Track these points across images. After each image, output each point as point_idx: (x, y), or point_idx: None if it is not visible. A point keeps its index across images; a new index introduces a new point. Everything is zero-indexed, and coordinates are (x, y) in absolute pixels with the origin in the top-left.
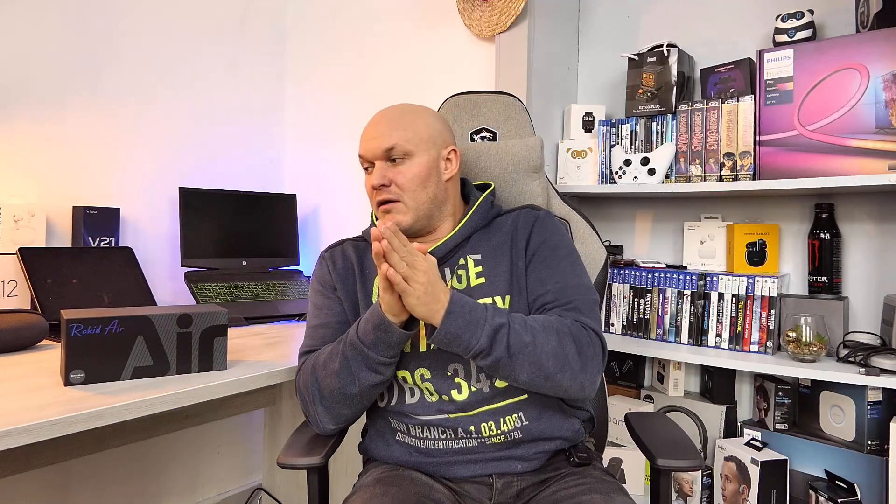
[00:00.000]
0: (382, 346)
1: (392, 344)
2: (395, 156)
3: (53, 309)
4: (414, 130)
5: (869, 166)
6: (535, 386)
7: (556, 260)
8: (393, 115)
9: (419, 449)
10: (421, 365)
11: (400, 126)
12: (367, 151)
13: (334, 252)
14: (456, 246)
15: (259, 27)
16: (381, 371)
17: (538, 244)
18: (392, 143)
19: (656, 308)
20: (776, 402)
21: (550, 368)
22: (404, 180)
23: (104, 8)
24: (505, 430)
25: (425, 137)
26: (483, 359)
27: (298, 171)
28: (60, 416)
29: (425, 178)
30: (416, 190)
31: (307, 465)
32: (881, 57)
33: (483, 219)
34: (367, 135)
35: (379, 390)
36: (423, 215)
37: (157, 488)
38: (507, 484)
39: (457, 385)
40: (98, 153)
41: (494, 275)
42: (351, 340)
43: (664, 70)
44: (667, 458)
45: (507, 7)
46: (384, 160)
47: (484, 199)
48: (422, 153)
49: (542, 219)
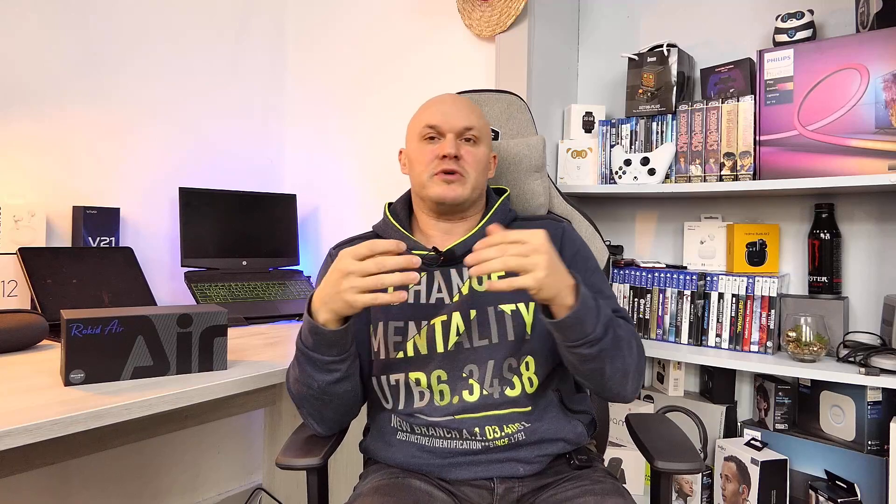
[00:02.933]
0: (323, 347)
1: (330, 343)
2: (469, 136)
3: (53, 309)
4: (484, 122)
5: (869, 166)
6: (612, 380)
7: (589, 272)
8: (467, 102)
9: (422, 448)
10: (439, 367)
11: (474, 113)
12: (444, 122)
13: (342, 249)
14: None
15: (259, 27)
16: (334, 368)
17: (572, 255)
18: (473, 123)
19: (656, 308)
20: (776, 402)
21: (629, 366)
22: (473, 160)
23: (104, 8)
24: (509, 433)
25: (489, 134)
26: (590, 346)
27: (298, 171)
28: (60, 416)
29: (485, 165)
30: (478, 173)
31: (306, 466)
32: (881, 57)
33: (503, 221)
34: (443, 107)
35: (347, 386)
36: (474, 197)
37: (157, 488)
38: (509, 489)
39: (469, 386)
40: (98, 153)
41: None
42: (297, 346)
43: (664, 70)
44: (666, 460)
45: (507, 7)
46: (457, 136)
47: (503, 202)
48: (485, 145)
49: (569, 232)
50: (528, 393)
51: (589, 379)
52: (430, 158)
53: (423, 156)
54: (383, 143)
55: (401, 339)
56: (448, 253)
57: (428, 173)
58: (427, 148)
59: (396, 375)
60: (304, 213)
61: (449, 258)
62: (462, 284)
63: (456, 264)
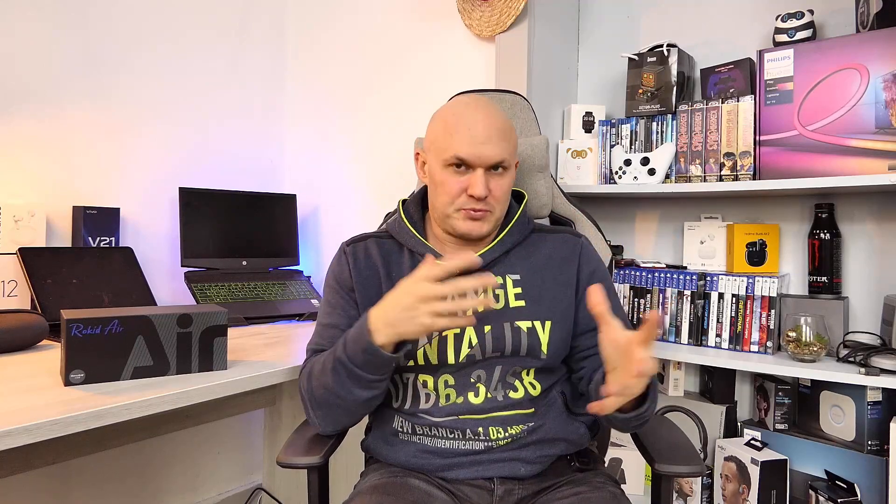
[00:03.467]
0: (371, 367)
1: (381, 365)
2: (500, 167)
3: (53, 309)
4: (513, 143)
5: (869, 166)
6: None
7: (606, 291)
8: (502, 123)
9: (425, 447)
10: (447, 372)
11: (506, 136)
12: (475, 157)
13: (357, 248)
14: (494, 260)
15: (259, 27)
16: (376, 386)
17: (589, 274)
18: (503, 156)
19: (656, 308)
20: (776, 402)
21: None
22: (501, 193)
23: (104, 8)
24: (512, 434)
25: (516, 148)
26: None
27: (298, 171)
28: (60, 416)
29: (510, 191)
30: (505, 203)
31: (306, 465)
32: (881, 57)
33: (522, 234)
34: (478, 137)
35: (377, 401)
36: (497, 226)
37: (156, 488)
38: (508, 491)
39: (475, 388)
40: (98, 153)
41: (535, 299)
42: (340, 358)
43: (664, 70)
44: (667, 463)
45: (507, 7)
46: (487, 169)
47: (522, 213)
48: (513, 167)
49: (586, 247)
50: (532, 395)
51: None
52: (457, 192)
53: (448, 186)
54: (384, 143)
55: (411, 347)
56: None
57: (454, 207)
58: (453, 178)
59: (407, 374)
60: (304, 213)
61: (465, 272)
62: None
63: None
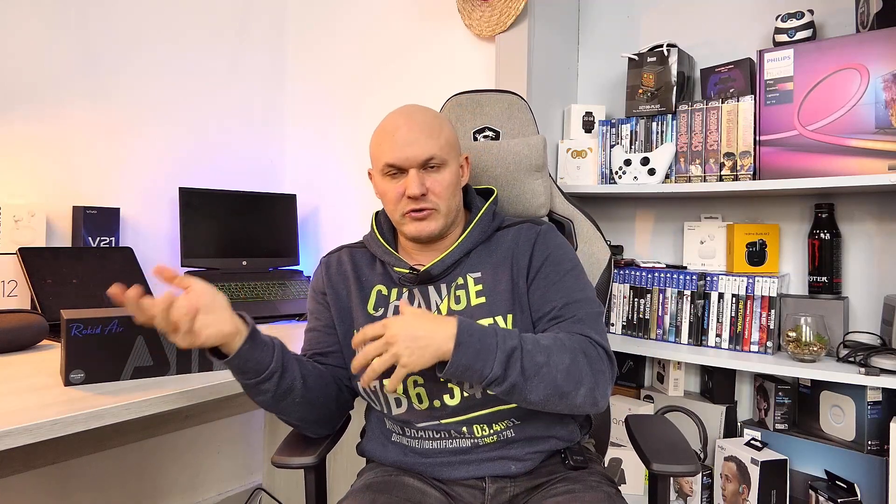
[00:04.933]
0: (237, 374)
1: (239, 370)
2: (432, 164)
3: (53, 309)
4: (445, 138)
5: (869, 166)
6: (549, 405)
7: (559, 275)
8: (425, 121)
9: (414, 449)
10: (414, 373)
11: (433, 133)
12: (402, 160)
13: (331, 258)
14: (455, 262)
15: (259, 27)
16: (262, 390)
17: (541, 261)
18: (432, 152)
19: (656, 308)
20: (776, 402)
21: (565, 387)
22: (441, 188)
23: (104, 8)
24: (497, 430)
25: (453, 144)
26: (497, 385)
27: (298, 171)
28: (60, 416)
29: (455, 186)
30: (450, 198)
31: (301, 465)
32: (881, 57)
33: (484, 233)
34: (399, 140)
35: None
36: (449, 223)
37: (157, 488)
38: (500, 490)
39: (449, 390)
40: (98, 153)
41: (495, 294)
42: None
43: (664, 70)
44: (662, 462)
45: (507, 7)
46: (420, 168)
47: (485, 212)
48: (452, 161)
49: (543, 233)
50: None
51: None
52: (397, 197)
53: (389, 193)
54: None
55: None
56: (425, 273)
57: (398, 212)
58: (391, 185)
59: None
60: (304, 213)
61: (426, 277)
62: (441, 302)
63: (434, 282)
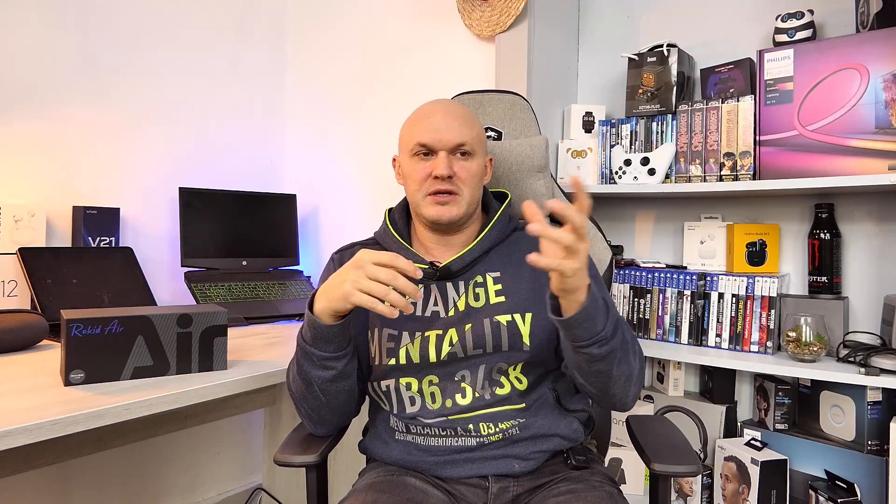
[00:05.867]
0: (319, 342)
1: (327, 338)
2: (463, 151)
3: (53, 309)
4: (477, 132)
5: (869, 166)
6: (616, 383)
7: None
8: (461, 112)
9: (419, 447)
10: (431, 372)
11: (467, 123)
12: (435, 140)
13: (344, 253)
14: (473, 261)
15: (259, 27)
16: (330, 366)
17: None
18: (465, 139)
19: (656, 308)
20: (776, 402)
21: (634, 371)
22: (467, 175)
23: (104, 8)
24: (503, 429)
25: (482, 141)
26: (601, 346)
27: (298, 171)
28: (60, 416)
29: (480, 178)
30: (474, 188)
31: (303, 463)
32: (881, 57)
33: (502, 233)
34: (435, 123)
35: (343, 385)
36: (469, 213)
37: (157, 488)
38: (503, 489)
39: (462, 389)
40: (98, 153)
41: (515, 292)
42: (297, 340)
43: (664, 70)
44: (663, 463)
45: (507, 7)
46: (451, 153)
47: (503, 213)
48: (480, 155)
49: None
50: (519, 390)
51: (594, 383)
52: (423, 177)
53: (415, 174)
54: (384, 143)
55: (393, 346)
56: (444, 269)
57: (422, 193)
58: (419, 166)
59: (387, 381)
60: (304, 214)
61: (445, 273)
62: (458, 299)
63: (452, 279)
